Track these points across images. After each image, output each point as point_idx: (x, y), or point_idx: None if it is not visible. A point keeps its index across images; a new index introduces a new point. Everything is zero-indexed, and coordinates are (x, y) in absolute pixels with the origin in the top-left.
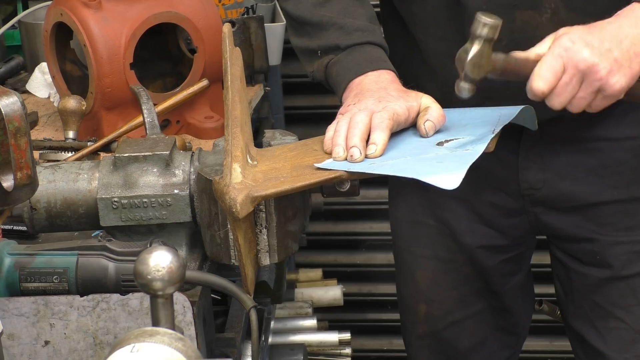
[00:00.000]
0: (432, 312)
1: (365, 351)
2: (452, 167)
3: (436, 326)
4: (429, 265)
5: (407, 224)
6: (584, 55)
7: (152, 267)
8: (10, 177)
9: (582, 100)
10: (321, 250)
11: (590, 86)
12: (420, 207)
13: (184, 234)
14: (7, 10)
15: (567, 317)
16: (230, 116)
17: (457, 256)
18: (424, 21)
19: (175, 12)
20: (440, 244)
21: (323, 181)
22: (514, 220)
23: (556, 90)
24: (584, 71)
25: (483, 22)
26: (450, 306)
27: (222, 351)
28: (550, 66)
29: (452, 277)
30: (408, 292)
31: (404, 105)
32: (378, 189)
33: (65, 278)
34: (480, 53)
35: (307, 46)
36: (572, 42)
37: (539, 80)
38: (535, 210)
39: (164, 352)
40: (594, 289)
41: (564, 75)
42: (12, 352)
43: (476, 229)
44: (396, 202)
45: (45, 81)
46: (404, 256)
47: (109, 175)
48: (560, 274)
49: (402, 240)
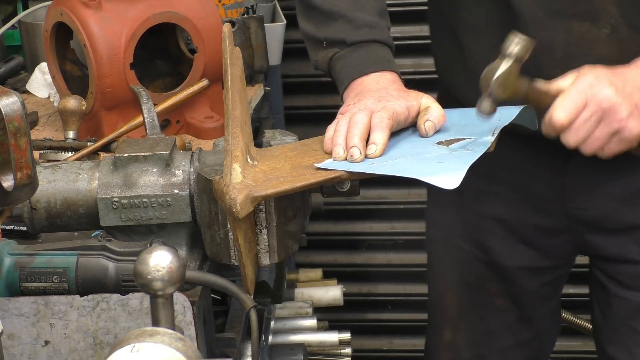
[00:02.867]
0: (457, 341)
1: (365, 351)
2: (453, 167)
3: (459, 356)
4: (458, 291)
5: (440, 244)
6: (607, 94)
7: (152, 267)
8: (10, 177)
9: (597, 141)
10: (321, 250)
11: (609, 126)
12: (455, 228)
13: (184, 234)
14: (7, 10)
15: (602, 342)
16: (230, 116)
17: (488, 285)
18: (475, 27)
19: (175, 12)
20: (470, 271)
21: (323, 181)
22: (556, 240)
23: (575, 125)
24: (606, 110)
25: (517, 40)
26: (476, 339)
27: (222, 351)
28: (573, 99)
29: (480, 308)
30: (436, 314)
31: (404, 104)
32: (378, 189)
33: (65, 278)
34: (508, 72)
35: (314, 34)
36: (597, 79)
37: (560, 111)
38: (580, 230)
39: (164, 352)
40: (634, 314)
41: (585, 111)
42: (12, 352)
43: (516, 250)
44: (432, 219)
45: (45, 81)
46: (436, 276)
47: (109, 175)
48: (600, 296)
49: (435, 260)
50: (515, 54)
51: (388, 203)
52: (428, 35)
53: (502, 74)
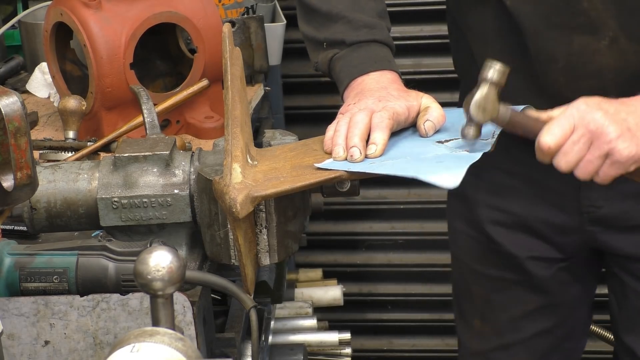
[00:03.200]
0: (485, 330)
1: (365, 351)
2: (453, 166)
3: (488, 345)
4: (482, 281)
5: (463, 235)
6: (595, 117)
7: (152, 267)
8: (10, 177)
9: (590, 164)
10: (321, 250)
11: (599, 149)
12: (470, 221)
13: (184, 234)
14: (7, 10)
15: (618, 331)
16: (230, 116)
17: (507, 274)
18: (482, 35)
19: (175, 12)
20: (490, 261)
21: (323, 181)
22: (568, 237)
23: (563, 148)
24: (594, 132)
25: (490, 66)
26: (501, 328)
27: (222, 351)
28: (561, 124)
29: (502, 297)
30: (466, 305)
31: (404, 104)
32: (378, 189)
33: (65, 278)
34: (485, 96)
35: (314, 36)
36: (586, 105)
37: (547, 135)
38: (592, 229)
39: (164, 352)
40: None
41: (573, 134)
42: (12, 352)
43: (526, 242)
44: (452, 211)
45: (45, 81)
46: (462, 268)
47: (109, 175)
48: (616, 288)
49: (460, 251)
50: (489, 79)
51: (388, 203)
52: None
53: (480, 99)
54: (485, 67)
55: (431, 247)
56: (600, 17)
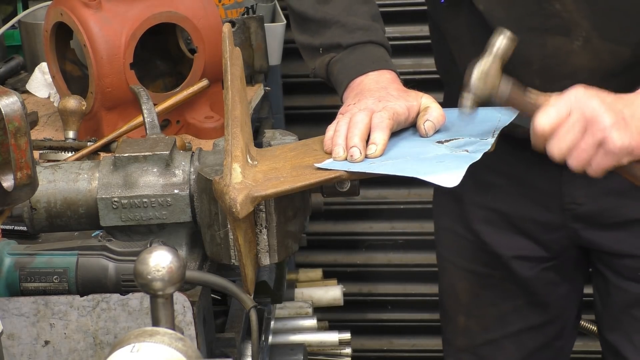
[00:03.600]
0: (471, 326)
1: (365, 351)
2: (452, 165)
3: (474, 341)
4: (468, 278)
5: (448, 233)
6: (591, 103)
7: (152, 267)
8: (10, 177)
9: (583, 152)
10: (321, 250)
11: (593, 136)
12: (458, 219)
13: (184, 234)
14: (7, 10)
15: (602, 329)
16: (230, 116)
17: (494, 271)
18: (458, 39)
19: (175, 12)
20: (477, 258)
21: (323, 181)
22: (554, 234)
23: (558, 132)
24: (589, 118)
25: (500, 38)
26: (488, 323)
27: (222, 351)
28: (557, 107)
29: (490, 292)
30: (449, 302)
31: (404, 104)
32: (378, 189)
33: (65, 278)
34: (489, 67)
35: (310, 43)
36: (584, 92)
37: (543, 116)
38: (575, 227)
39: (164, 352)
40: (634, 303)
41: (569, 119)
42: (12, 352)
43: (512, 240)
44: (438, 210)
45: (45, 81)
46: (446, 265)
47: (109, 175)
48: (600, 285)
49: (444, 249)
50: (496, 50)
51: (388, 203)
52: (428, 35)
53: (483, 69)
54: (494, 38)
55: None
56: (573, 18)
